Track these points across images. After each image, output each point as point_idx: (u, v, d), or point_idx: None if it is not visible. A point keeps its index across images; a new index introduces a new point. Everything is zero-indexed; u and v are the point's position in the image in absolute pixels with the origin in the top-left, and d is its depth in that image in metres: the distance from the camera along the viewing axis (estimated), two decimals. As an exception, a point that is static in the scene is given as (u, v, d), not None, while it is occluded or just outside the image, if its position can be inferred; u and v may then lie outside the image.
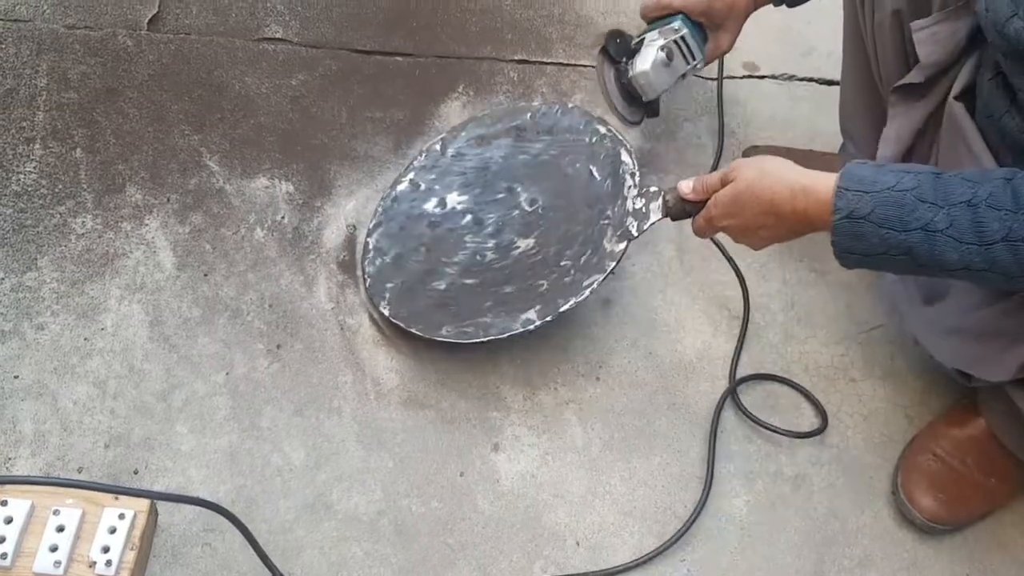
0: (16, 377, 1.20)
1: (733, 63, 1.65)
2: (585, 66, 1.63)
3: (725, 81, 1.62)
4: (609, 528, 1.19)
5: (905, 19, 1.11)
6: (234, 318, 1.29)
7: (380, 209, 1.37)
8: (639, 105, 1.38)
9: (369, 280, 1.31)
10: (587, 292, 1.20)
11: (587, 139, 1.36)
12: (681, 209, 1.14)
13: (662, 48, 1.29)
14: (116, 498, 0.99)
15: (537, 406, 1.27)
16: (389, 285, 1.30)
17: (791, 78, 1.65)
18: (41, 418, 1.18)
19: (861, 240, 0.93)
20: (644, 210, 1.21)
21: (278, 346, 1.27)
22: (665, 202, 1.16)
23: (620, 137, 1.33)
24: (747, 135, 1.56)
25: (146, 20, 1.58)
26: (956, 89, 1.07)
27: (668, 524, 1.20)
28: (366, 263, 1.33)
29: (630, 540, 1.18)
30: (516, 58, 1.63)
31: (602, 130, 1.35)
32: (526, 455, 1.23)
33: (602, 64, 1.37)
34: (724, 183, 1.06)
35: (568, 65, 1.63)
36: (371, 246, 1.34)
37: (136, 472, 1.16)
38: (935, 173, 0.91)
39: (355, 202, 1.42)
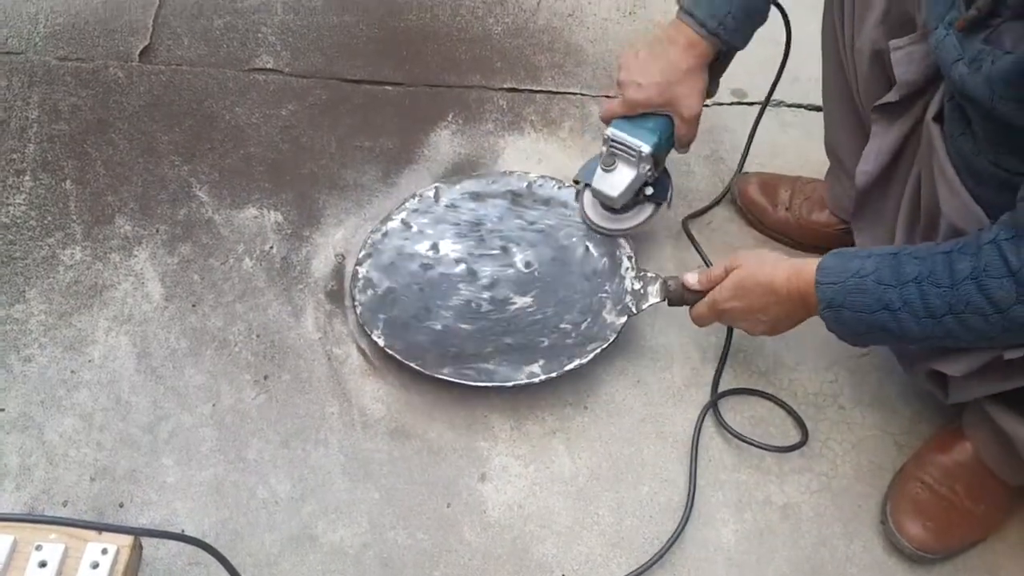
0: (2, 410, 1.20)
1: (721, 90, 1.65)
2: (574, 94, 1.64)
3: (715, 108, 1.64)
4: (596, 560, 1.18)
5: (884, 47, 1.13)
6: (221, 349, 1.29)
7: (370, 241, 1.38)
8: (632, 207, 1.34)
9: (360, 308, 1.31)
10: (591, 356, 1.26)
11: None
12: (680, 297, 1.25)
13: (602, 159, 1.28)
14: (99, 533, 0.98)
15: (524, 435, 1.27)
16: (382, 316, 1.30)
17: (779, 104, 1.66)
18: (27, 451, 1.18)
19: (845, 324, 1.04)
20: (643, 291, 1.30)
21: (265, 377, 1.27)
22: (667, 287, 1.26)
23: None
24: (736, 161, 1.56)
25: (137, 52, 1.60)
26: (932, 110, 1.08)
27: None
28: (356, 291, 1.32)
29: (618, 572, 1.17)
30: (505, 86, 1.64)
31: None
32: (513, 485, 1.23)
33: (580, 197, 1.38)
34: (728, 271, 1.17)
35: (557, 93, 1.64)
36: (360, 275, 1.34)
37: (122, 505, 1.16)
38: (893, 253, 1.00)
39: (344, 231, 1.43)
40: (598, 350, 1.26)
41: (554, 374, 1.24)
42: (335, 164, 1.51)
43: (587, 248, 1.36)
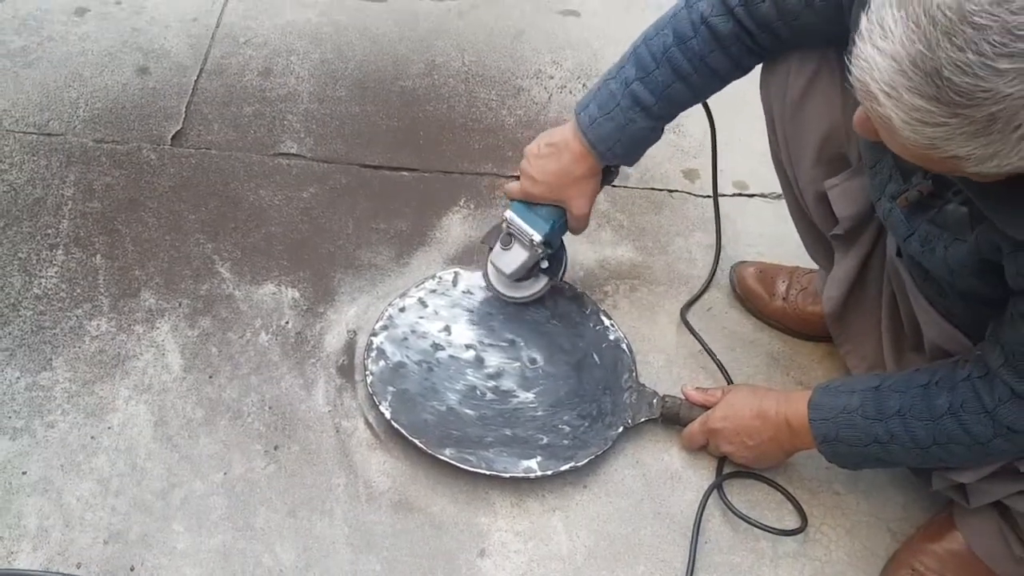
0: (24, 473, 1.25)
1: (724, 182, 1.73)
2: (581, 183, 1.71)
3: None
4: (591, 637, 1.20)
5: (822, 187, 1.22)
6: (235, 419, 1.34)
7: (388, 314, 1.44)
8: (527, 278, 1.42)
9: (371, 378, 1.35)
10: (585, 461, 1.30)
11: (591, 324, 1.46)
12: (675, 416, 1.35)
13: (501, 237, 1.36)
14: (109, 595, 1.02)
15: (525, 512, 1.30)
16: (391, 388, 1.35)
17: (779, 197, 1.72)
18: (45, 513, 1.22)
19: (842, 457, 1.13)
20: (638, 405, 1.36)
21: (276, 447, 1.32)
22: (664, 404, 1.36)
23: (622, 334, 1.45)
24: (736, 250, 1.62)
25: (170, 135, 1.69)
26: (892, 247, 1.14)
27: (651, 634, 1.21)
28: (369, 361, 1.38)
29: (612, 650, 1.19)
30: (516, 174, 1.71)
31: (607, 322, 1.47)
32: (512, 562, 1.25)
33: (485, 261, 1.45)
34: (724, 394, 1.30)
35: (565, 182, 1.71)
36: (375, 345, 1.39)
37: (132, 569, 1.19)
38: (875, 386, 1.07)
39: (356, 308, 1.49)
40: (592, 456, 1.31)
41: (549, 472, 1.28)
42: (351, 244, 1.58)
43: (592, 355, 1.42)
